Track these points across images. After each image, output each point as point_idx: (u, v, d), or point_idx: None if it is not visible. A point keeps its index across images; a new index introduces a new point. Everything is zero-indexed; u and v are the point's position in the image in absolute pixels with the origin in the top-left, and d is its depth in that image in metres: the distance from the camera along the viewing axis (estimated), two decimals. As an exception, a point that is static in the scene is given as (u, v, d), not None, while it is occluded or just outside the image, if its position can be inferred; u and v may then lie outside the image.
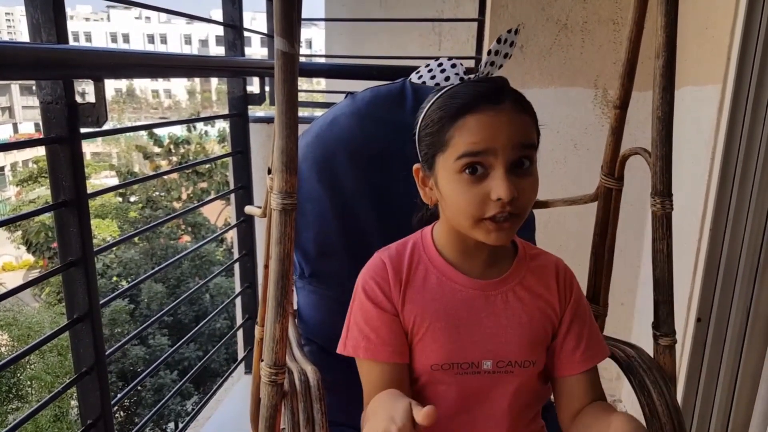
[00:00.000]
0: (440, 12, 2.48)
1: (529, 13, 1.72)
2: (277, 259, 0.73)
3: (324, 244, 1.10)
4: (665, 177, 0.87)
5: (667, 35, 0.85)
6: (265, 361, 0.76)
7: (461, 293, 0.81)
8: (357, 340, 0.81)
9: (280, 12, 0.66)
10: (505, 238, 0.75)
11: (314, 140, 1.11)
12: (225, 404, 1.91)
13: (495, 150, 0.72)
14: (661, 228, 0.87)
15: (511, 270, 0.84)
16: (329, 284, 1.09)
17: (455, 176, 0.74)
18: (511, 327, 0.81)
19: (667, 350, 0.89)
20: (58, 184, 1.05)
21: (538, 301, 0.83)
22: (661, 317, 0.89)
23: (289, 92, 0.68)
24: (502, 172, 0.71)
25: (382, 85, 1.15)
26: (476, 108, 0.74)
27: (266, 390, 0.76)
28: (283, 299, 0.74)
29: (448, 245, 0.83)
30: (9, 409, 6.98)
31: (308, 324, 1.12)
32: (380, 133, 1.10)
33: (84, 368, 1.15)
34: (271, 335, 0.74)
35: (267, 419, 0.76)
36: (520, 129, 0.74)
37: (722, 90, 1.41)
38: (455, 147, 0.74)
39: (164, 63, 1.35)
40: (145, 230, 1.62)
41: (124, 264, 9.49)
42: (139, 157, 13.43)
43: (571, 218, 1.76)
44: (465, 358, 0.80)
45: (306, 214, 1.09)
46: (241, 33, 1.76)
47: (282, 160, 0.71)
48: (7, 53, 0.85)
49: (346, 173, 1.08)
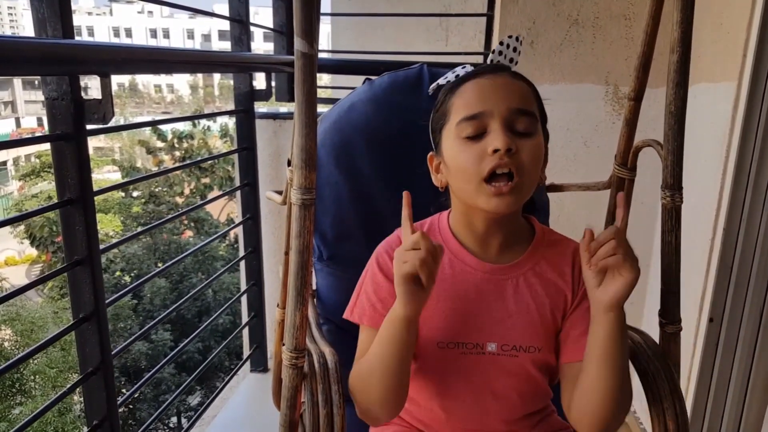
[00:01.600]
0: (447, 7, 2.46)
1: (540, 8, 1.69)
2: (297, 251, 0.77)
3: (342, 227, 1.12)
4: (676, 170, 0.88)
5: (683, 31, 0.86)
6: (286, 346, 0.80)
7: (472, 276, 0.83)
8: (363, 308, 0.84)
9: (300, 13, 0.68)
10: (507, 205, 0.75)
11: (332, 126, 1.12)
12: (231, 402, 1.90)
13: (491, 111, 0.75)
14: (671, 220, 0.89)
15: (524, 256, 0.85)
16: (346, 266, 1.11)
17: (456, 142, 0.77)
18: (518, 312, 0.82)
19: (673, 337, 0.91)
20: (63, 182, 1.04)
21: (549, 288, 0.84)
22: (668, 306, 0.91)
23: (308, 92, 0.71)
24: (499, 127, 0.74)
25: (400, 71, 1.16)
26: (474, 76, 0.79)
27: (287, 372, 0.81)
28: (302, 289, 0.77)
29: (463, 228, 0.85)
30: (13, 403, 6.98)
31: (326, 304, 1.15)
32: (397, 118, 1.11)
33: (90, 368, 1.13)
34: (291, 322, 0.79)
35: (288, 399, 0.82)
36: (517, 94, 0.77)
37: (737, 87, 1.39)
38: (456, 113, 0.78)
39: (172, 58, 1.33)
40: (153, 227, 1.61)
41: (127, 259, 9.48)
42: (141, 152, 13.42)
43: (582, 211, 1.74)
44: (470, 338, 0.82)
45: (324, 199, 1.11)
46: (248, 28, 1.74)
47: (301, 157, 0.74)
48: (13, 48, 0.83)
49: (363, 158, 1.10)
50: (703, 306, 1.51)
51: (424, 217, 0.93)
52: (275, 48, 1.96)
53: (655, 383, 0.84)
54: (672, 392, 0.83)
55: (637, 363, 0.88)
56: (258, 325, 2.00)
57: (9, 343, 7.57)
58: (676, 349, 0.91)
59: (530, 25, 1.70)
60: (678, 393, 0.83)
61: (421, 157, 0.88)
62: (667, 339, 0.91)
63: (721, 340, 1.49)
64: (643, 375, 0.86)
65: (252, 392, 1.96)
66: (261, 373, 2.04)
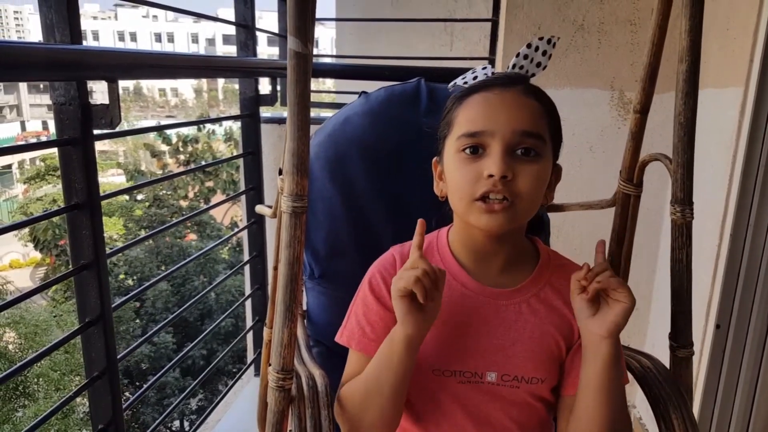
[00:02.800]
0: (452, 12, 2.46)
1: (545, 13, 1.69)
2: (286, 262, 0.71)
3: (335, 244, 1.08)
4: (686, 184, 0.84)
5: (692, 39, 0.82)
6: (272, 366, 0.74)
7: (471, 299, 0.79)
8: (353, 330, 0.81)
9: (294, 11, 0.64)
10: (497, 224, 0.72)
11: (326, 139, 1.09)
12: (234, 407, 1.89)
13: (493, 132, 0.72)
14: (681, 237, 0.85)
15: (528, 280, 0.81)
16: (339, 285, 1.07)
17: (456, 156, 0.74)
18: (520, 340, 0.78)
19: (684, 362, 0.87)
20: (70, 187, 1.04)
21: (553, 316, 0.79)
22: (679, 328, 0.86)
23: (301, 93, 0.67)
24: (499, 150, 0.71)
25: (397, 85, 1.13)
26: (483, 89, 0.75)
27: (273, 395, 0.75)
28: (292, 304, 0.72)
29: (463, 248, 0.82)
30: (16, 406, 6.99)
31: (317, 325, 1.11)
32: (393, 132, 1.08)
33: (96, 372, 1.13)
34: (279, 340, 0.73)
35: (274, 424, 0.76)
36: (524, 114, 0.73)
37: (744, 92, 1.38)
38: (458, 126, 0.75)
39: (178, 63, 1.33)
40: (160, 231, 1.61)
41: (130, 262, 9.50)
42: (146, 155, 13.46)
43: (584, 222, 1.74)
44: (467, 366, 0.78)
45: (317, 214, 1.07)
46: (254, 33, 1.74)
47: (293, 162, 0.69)
48: (22, 54, 0.83)
49: (358, 173, 1.06)
50: (709, 313, 1.51)
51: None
52: (280, 53, 1.97)
53: (667, 411, 0.80)
54: (685, 422, 0.79)
55: (648, 389, 0.84)
56: (262, 330, 2.00)
57: (13, 346, 7.58)
58: (687, 374, 0.86)
59: (535, 30, 1.70)
60: (692, 420, 0.80)
61: (417, 172, 0.84)
62: (678, 363, 0.86)
63: (728, 347, 1.48)
64: (654, 402, 0.82)
65: (255, 397, 1.95)
66: (265, 378, 2.04)
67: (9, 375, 1.02)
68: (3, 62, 0.79)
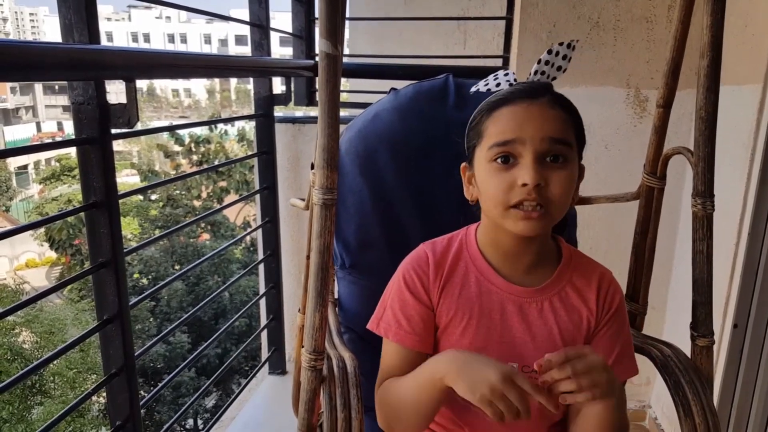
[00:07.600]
0: (465, 10, 2.45)
1: (560, 11, 1.68)
2: (317, 251, 0.76)
3: (365, 236, 1.12)
4: (707, 178, 0.86)
5: (713, 35, 0.84)
6: (305, 348, 0.80)
7: (497, 296, 0.83)
8: (389, 323, 0.84)
9: (325, 14, 0.68)
10: (533, 229, 0.75)
11: (357, 135, 1.13)
12: (249, 405, 1.91)
13: (523, 140, 0.74)
14: (702, 229, 0.87)
15: (551, 280, 0.84)
16: (369, 275, 1.11)
17: (488, 165, 0.77)
18: (541, 337, 0.82)
19: (705, 351, 0.89)
20: (88, 185, 1.05)
21: (573, 315, 0.83)
22: (699, 318, 0.88)
23: (331, 92, 0.71)
24: (530, 159, 0.73)
25: (425, 81, 1.16)
26: (511, 101, 0.77)
27: (306, 375, 0.81)
28: (323, 290, 0.77)
29: (491, 246, 0.85)
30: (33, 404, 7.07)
31: (348, 313, 1.15)
32: (422, 128, 1.11)
33: (114, 369, 1.15)
34: (311, 323, 0.78)
35: (306, 402, 0.81)
36: (552, 123, 0.75)
37: (763, 90, 1.37)
38: (489, 137, 0.77)
39: (195, 63, 1.34)
40: (176, 230, 1.63)
41: (145, 261, 9.57)
42: (159, 156, 13.55)
43: (604, 218, 1.72)
44: (491, 357, 0.80)
45: (348, 207, 1.11)
46: (268, 33, 1.75)
47: (323, 157, 0.74)
48: (42, 54, 0.84)
49: (387, 167, 1.10)
50: (727, 311, 1.49)
51: (447, 223, 0.92)
52: (294, 52, 1.97)
53: (686, 398, 0.82)
54: (704, 409, 0.80)
55: (668, 376, 0.85)
56: (276, 328, 2.01)
57: (29, 344, 7.67)
58: (708, 364, 0.87)
59: (550, 28, 1.69)
60: (711, 408, 0.81)
61: (445, 167, 0.87)
62: (698, 352, 0.88)
63: (746, 346, 1.47)
64: (674, 388, 0.84)
65: (270, 395, 1.96)
66: (279, 376, 2.05)
67: (29, 372, 1.03)
68: (26, 62, 0.80)
